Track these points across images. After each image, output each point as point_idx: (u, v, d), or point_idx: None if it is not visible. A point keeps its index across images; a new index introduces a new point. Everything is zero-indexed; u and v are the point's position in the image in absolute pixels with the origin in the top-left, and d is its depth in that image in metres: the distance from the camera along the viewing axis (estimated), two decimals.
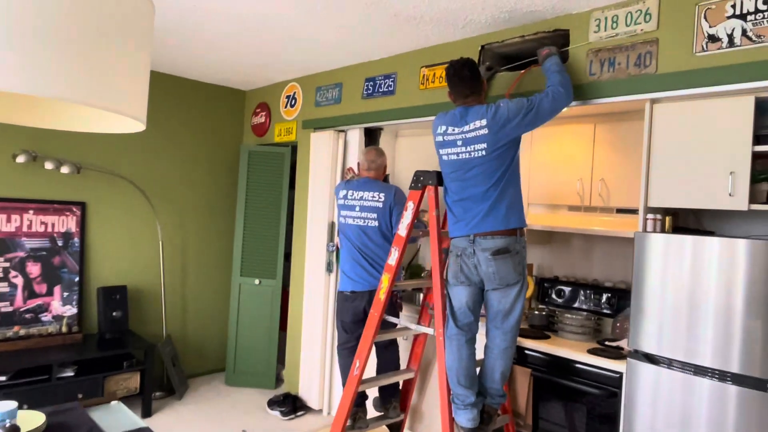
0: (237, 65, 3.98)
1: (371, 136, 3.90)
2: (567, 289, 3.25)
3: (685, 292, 2.20)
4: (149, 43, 1.43)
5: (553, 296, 3.30)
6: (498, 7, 2.56)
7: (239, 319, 4.40)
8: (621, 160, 2.87)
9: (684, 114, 2.28)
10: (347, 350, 3.12)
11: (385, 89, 3.49)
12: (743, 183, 2.13)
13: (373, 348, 3.19)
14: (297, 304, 4.16)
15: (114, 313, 3.89)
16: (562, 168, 3.09)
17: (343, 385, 3.01)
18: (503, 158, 2.37)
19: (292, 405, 3.87)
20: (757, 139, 2.13)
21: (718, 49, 2.12)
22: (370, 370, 3.27)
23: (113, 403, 2.09)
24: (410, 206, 2.73)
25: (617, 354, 2.58)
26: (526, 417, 2.76)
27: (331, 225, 3.88)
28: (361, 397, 3.08)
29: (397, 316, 3.09)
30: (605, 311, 3.09)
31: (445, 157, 2.50)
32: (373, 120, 3.58)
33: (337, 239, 3.85)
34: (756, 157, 2.15)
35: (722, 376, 2.09)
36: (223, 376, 4.58)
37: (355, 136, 3.83)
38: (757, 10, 2.03)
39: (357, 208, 3.13)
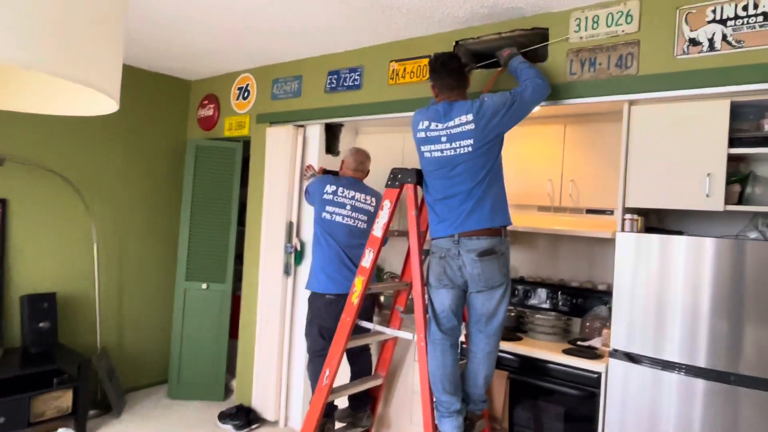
0: (183, 52, 3.67)
1: (331, 133, 3.73)
2: (534, 290, 3.25)
3: (668, 290, 2.23)
4: (125, 5, 1.21)
5: (519, 297, 3.28)
6: (479, 2, 2.49)
7: (184, 327, 4.07)
8: (592, 161, 2.90)
9: (662, 116, 2.32)
10: (322, 358, 2.94)
11: (351, 83, 3.34)
12: (719, 184, 2.19)
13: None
14: (250, 309, 3.91)
15: (41, 324, 3.45)
16: (533, 169, 3.08)
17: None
18: (489, 155, 2.30)
19: (245, 418, 3.62)
20: (731, 142, 2.19)
21: (699, 52, 2.17)
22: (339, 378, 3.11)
23: (61, 430, 1.80)
24: (386, 205, 2.60)
25: (592, 354, 2.59)
26: (503, 421, 2.71)
27: (290, 225, 3.67)
28: (330, 407, 2.91)
29: (371, 320, 2.95)
30: (571, 311, 3.12)
31: (427, 154, 2.39)
32: (337, 115, 3.41)
33: (295, 240, 3.65)
34: (729, 159, 2.21)
35: (715, 374, 2.13)
36: (165, 389, 4.22)
37: (316, 131, 3.65)
38: (737, 16, 2.09)
39: (348, 207, 3.02)
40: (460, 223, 2.28)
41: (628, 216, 2.41)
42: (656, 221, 2.84)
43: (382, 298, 3.49)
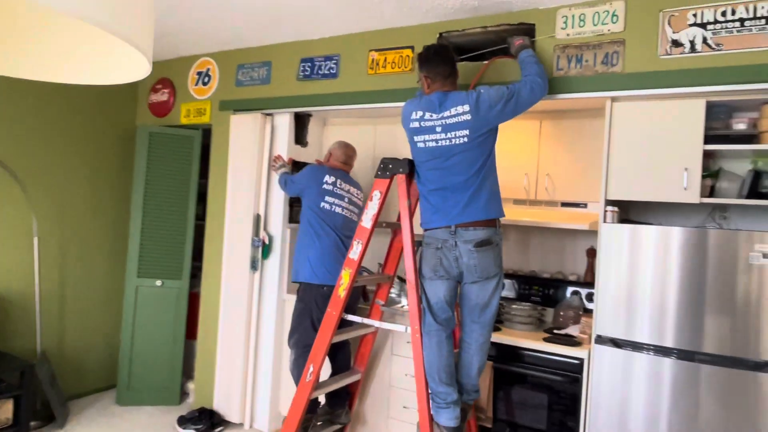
0: None
1: (299, 123, 3.61)
2: (507, 281, 3.32)
3: (649, 277, 2.35)
4: None
5: None
6: None
7: (135, 327, 3.79)
8: (567, 155, 3.00)
9: (643, 113, 2.43)
10: None
11: (326, 71, 3.24)
12: (696, 178, 2.33)
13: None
14: (211, 306, 3.70)
15: None
16: (509, 163, 3.14)
17: None
18: (484, 146, 2.32)
19: (208, 421, 3.43)
20: (705, 139, 2.34)
21: (681, 53, 2.30)
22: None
23: None
24: (376, 196, 2.55)
25: (573, 342, 2.68)
26: (487, 410, 2.74)
27: (257, 218, 3.51)
28: (313, 404, 2.82)
29: (355, 313, 2.88)
30: (542, 301, 3.21)
31: (420, 144, 2.36)
32: (312, 104, 3.30)
33: (263, 233, 3.50)
34: (704, 155, 2.36)
35: (692, 355, 2.26)
36: (113, 395, 3.91)
37: (285, 120, 3.51)
38: (716, 21, 2.23)
39: (346, 200, 3.05)
40: (456, 214, 2.27)
41: (609, 208, 2.52)
42: (623, 213, 2.99)
43: (374, 295, 3.43)
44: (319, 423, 2.96)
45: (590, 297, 3.03)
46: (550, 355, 2.63)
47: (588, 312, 2.96)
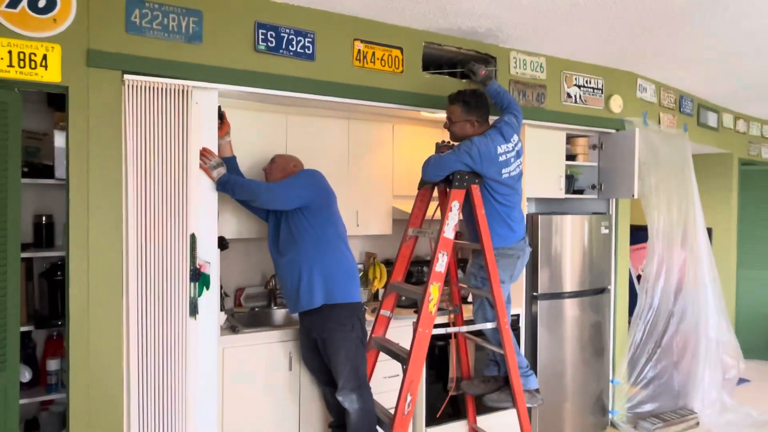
0: None
1: None
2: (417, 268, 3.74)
3: (564, 248, 3.55)
4: None
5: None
6: (469, 19, 2.84)
7: None
8: None
9: (539, 136, 3.52)
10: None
11: (300, 50, 2.61)
12: (563, 182, 3.67)
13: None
14: (103, 390, 2.25)
15: None
16: (410, 164, 3.50)
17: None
18: None
19: None
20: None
21: (571, 102, 3.52)
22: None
23: None
24: (455, 206, 2.59)
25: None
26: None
27: (193, 240, 2.42)
28: None
29: None
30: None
31: (505, 175, 2.64)
32: (282, 87, 2.57)
33: (201, 261, 2.48)
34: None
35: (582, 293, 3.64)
36: None
37: (212, 100, 2.53)
38: (584, 85, 3.57)
39: None
40: (524, 226, 2.81)
41: (526, 203, 3.52)
42: None
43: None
44: None
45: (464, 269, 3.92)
46: None
47: None
